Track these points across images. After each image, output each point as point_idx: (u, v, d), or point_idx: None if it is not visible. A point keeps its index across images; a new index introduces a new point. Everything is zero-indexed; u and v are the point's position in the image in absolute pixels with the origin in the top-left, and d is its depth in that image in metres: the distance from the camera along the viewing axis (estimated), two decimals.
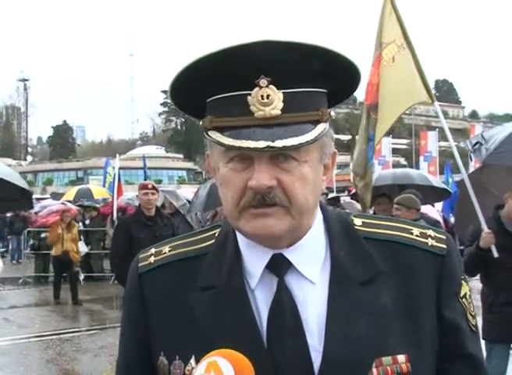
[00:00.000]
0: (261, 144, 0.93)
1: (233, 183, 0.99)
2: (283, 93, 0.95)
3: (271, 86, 0.94)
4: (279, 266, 1.04)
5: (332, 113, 1.03)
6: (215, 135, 0.98)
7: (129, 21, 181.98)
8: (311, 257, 1.05)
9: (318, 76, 0.98)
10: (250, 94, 0.95)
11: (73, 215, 12.50)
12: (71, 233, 11.54)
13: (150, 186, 6.24)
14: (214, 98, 0.99)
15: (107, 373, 7.57)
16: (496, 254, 4.24)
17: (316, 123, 0.98)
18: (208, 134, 1.00)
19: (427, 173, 15.14)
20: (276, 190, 0.97)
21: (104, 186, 16.44)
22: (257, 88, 0.94)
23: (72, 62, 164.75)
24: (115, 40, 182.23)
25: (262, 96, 0.94)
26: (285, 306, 1.02)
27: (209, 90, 0.99)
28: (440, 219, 8.30)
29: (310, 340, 1.00)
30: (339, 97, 1.08)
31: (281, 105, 0.95)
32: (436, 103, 4.77)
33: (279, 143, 0.93)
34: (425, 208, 7.40)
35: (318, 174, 1.03)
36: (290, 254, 1.04)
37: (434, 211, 9.90)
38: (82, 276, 13.06)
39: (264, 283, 1.05)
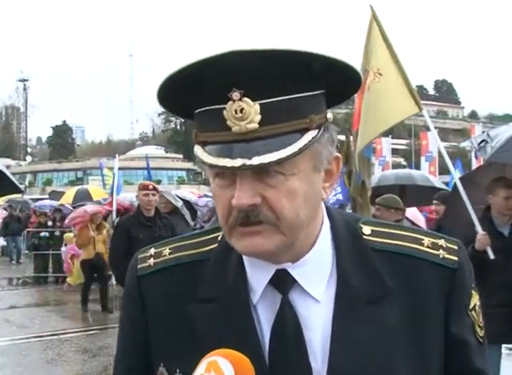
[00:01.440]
0: (238, 162, 0.87)
1: (220, 200, 0.95)
2: (260, 104, 0.88)
3: (245, 98, 0.88)
4: (282, 283, 1.00)
5: (329, 115, 0.96)
6: (199, 151, 0.94)
7: (128, 21, 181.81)
8: (317, 274, 1.01)
9: (298, 81, 0.90)
10: (225, 109, 0.89)
11: (104, 215, 11.82)
12: (101, 234, 11.04)
13: (151, 187, 6.20)
14: (197, 111, 0.95)
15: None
16: (492, 255, 4.23)
17: (304, 131, 0.91)
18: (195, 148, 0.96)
19: (428, 173, 15.16)
20: (262, 207, 0.91)
21: (104, 188, 16.39)
22: (230, 102, 0.88)
23: (72, 62, 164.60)
24: (115, 40, 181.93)
25: (236, 110, 0.88)
26: (288, 325, 0.98)
27: (192, 101, 0.95)
28: (422, 224, 8.05)
29: (313, 362, 0.97)
30: (339, 96, 1.01)
31: (258, 117, 0.88)
32: (425, 111, 4.78)
33: (255, 160, 0.87)
34: (410, 211, 7.32)
35: (313, 184, 0.96)
36: (295, 270, 0.99)
37: (418, 214, 9.83)
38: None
39: (266, 299, 1.00)
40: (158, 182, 35.45)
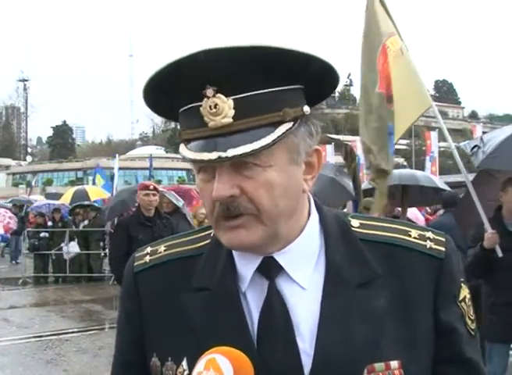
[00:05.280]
0: (214, 155, 0.93)
1: (204, 194, 1.00)
2: (233, 99, 0.93)
3: (218, 95, 0.93)
4: (269, 269, 1.03)
5: (306, 109, 0.98)
6: (181, 148, 0.99)
7: (128, 21, 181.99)
8: (303, 260, 1.04)
9: (271, 76, 0.94)
10: (202, 105, 0.94)
11: None
12: None
13: (151, 187, 6.19)
14: (180, 110, 1.00)
15: None
16: (500, 253, 4.23)
17: (278, 124, 0.94)
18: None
19: (430, 173, 15.17)
20: (241, 198, 0.96)
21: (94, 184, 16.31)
22: (205, 99, 0.93)
23: (72, 62, 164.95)
24: (115, 40, 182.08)
25: (210, 106, 0.93)
26: (275, 310, 1.01)
27: (173, 103, 1.00)
28: (422, 224, 8.15)
29: (301, 344, 0.99)
30: (319, 93, 1.04)
31: (232, 112, 0.93)
32: (433, 104, 4.70)
33: (230, 152, 0.92)
34: (411, 211, 7.33)
35: (291, 176, 0.99)
36: (281, 257, 1.03)
37: (418, 214, 9.83)
38: None
39: (255, 286, 1.04)
40: (158, 182, 35.46)
